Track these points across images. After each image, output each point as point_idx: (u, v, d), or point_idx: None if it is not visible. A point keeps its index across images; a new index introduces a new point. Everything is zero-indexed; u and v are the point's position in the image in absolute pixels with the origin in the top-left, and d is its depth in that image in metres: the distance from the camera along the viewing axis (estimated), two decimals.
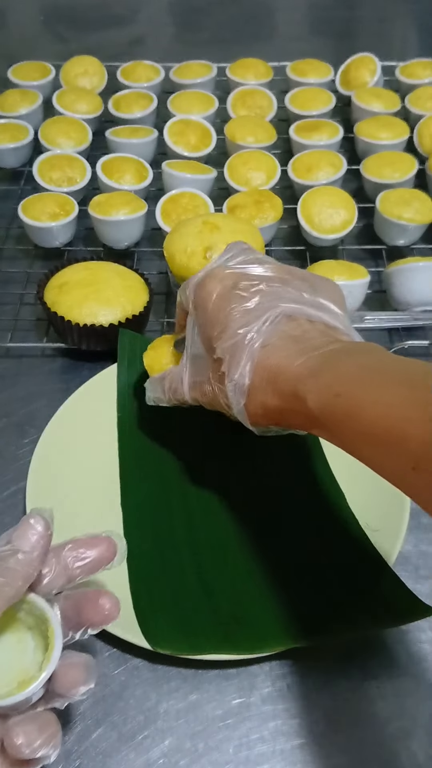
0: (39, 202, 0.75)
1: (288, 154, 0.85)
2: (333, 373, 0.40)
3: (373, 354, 0.41)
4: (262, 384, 0.44)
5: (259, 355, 0.44)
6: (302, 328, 0.45)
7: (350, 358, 0.42)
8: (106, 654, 0.49)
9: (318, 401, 0.40)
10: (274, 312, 0.46)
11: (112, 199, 0.74)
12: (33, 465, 0.56)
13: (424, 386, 0.35)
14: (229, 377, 0.46)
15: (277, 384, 0.43)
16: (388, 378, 0.38)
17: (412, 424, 0.34)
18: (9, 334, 0.70)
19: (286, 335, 0.45)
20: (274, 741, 0.45)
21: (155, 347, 0.59)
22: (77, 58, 0.97)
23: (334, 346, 0.43)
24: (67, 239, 0.77)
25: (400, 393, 0.36)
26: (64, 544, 0.43)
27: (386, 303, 0.72)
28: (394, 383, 0.37)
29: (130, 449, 0.59)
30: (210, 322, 0.48)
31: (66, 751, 0.45)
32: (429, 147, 0.83)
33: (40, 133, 0.84)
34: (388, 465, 0.36)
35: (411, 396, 0.35)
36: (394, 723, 0.46)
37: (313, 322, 0.46)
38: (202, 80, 0.94)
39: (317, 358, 0.42)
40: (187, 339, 0.51)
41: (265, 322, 0.45)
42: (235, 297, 0.47)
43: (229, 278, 0.49)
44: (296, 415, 0.42)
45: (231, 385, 0.46)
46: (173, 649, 0.47)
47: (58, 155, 0.80)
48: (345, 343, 0.44)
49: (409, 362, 0.39)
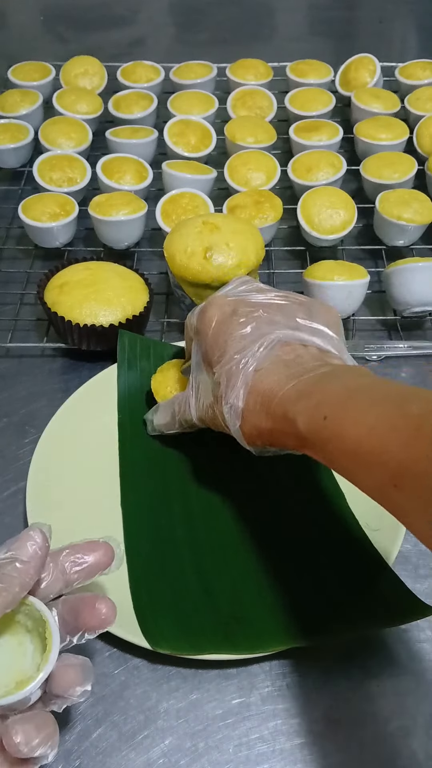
0: (39, 202, 0.75)
1: (288, 155, 0.85)
2: (321, 395, 0.42)
3: (361, 377, 0.43)
4: (256, 407, 0.46)
5: (253, 379, 0.46)
6: (296, 352, 0.47)
7: (338, 380, 0.43)
8: (106, 654, 0.49)
9: (307, 423, 0.42)
10: (269, 338, 0.48)
11: (112, 199, 0.75)
12: (33, 465, 0.56)
13: (404, 407, 0.37)
14: (225, 400, 0.48)
15: (270, 407, 0.45)
16: (373, 400, 0.40)
17: (392, 444, 0.36)
18: (9, 334, 0.70)
19: (279, 360, 0.47)
20: (274, 741, 0.45)
21: (163, 371, 0.60)
22: (77, 58, 0.97)
23: (324, 369, 0.45)
24: (67, 239, 0.77)
25: (382, 414, 0.38)
26: (62, 549, 0.44)
27: (386, 303, 0.72)
28: (377, 404, 0.39)
29: (131, 449, 0.59)
30: (210, 346, 0.50)
31: (66, 750, 0.45)
32: (428, 147, 0.84)
33: (40, 133, 0.84)
34: (371, 483, 0.38)
35: (392, 417, 0.37)
36: (394, 722, 0.46)
37: (306, 347, 0.48)
38: (202, 80, 0.94)
39: (307, 381, 0.44)
40: (192, 363, 0.54)
41: (260, 348, 0.47)
42: (233, 323, 0.50)
43: (228, 305, 0.51)
44: (287, 436, 0.44)
45: (227, 408, 0.48)
46: (173, 648, 0.47)
47: (58, 155, 0.80)
48: (335, 366, 0.46)
49: (394, 385, 0.41)
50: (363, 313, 0.72)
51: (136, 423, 0.61)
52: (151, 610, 0.50)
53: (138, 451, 0.59)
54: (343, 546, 0.53)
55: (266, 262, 0.77)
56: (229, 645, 0.48)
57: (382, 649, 0.49)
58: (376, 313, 0.73)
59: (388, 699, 0.47)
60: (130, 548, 0.53)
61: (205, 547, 0.53)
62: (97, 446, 0.59)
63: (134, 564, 0.52)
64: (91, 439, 0.59)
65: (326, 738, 0.45)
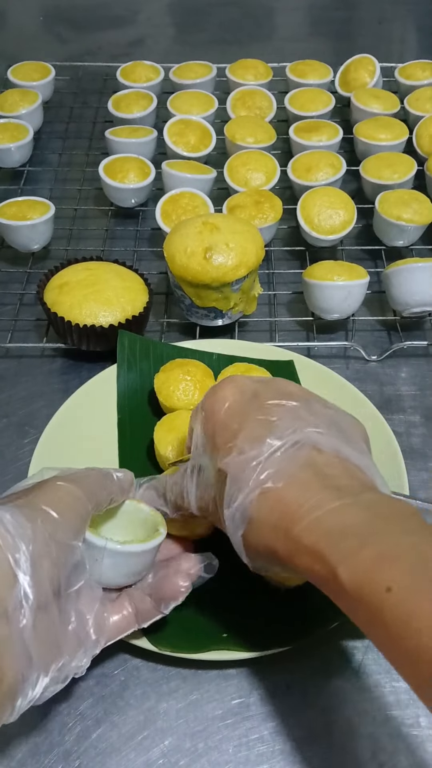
0: (14, 205, 0.75)
1: (288, 155, 0.85)
2: (377, 550, 0.34)
3: (418, 530, 0.36)
4: (269, 520, 0.39)
5: (271, 483, 0.39)
6: (329, 462, 0.40)
7: (394, 528, 0.36)
8: (106, 654, 0.49)
9: (356, 583, 0.34)
10: (298, 435, 0.40)
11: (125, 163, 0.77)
12: (33, 465, 0.56)
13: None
14: (227, 502, 0.40)
15: (292, 529, 0.37)
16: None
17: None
18: (9, 334, 0.70)
19: (308, 466, 0.39)
20: (274, 741, 0.45)
21: (166, 370, 0.59)
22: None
23: (367, 496, 0.38)
24: (44, 242, 0.77)
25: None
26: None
27: (385, 304, 0.72)
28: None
29: (130, 450, 0.59)
30: (220, 428, 0.43)
31: (66, 751, 0.45)
32: (428, 148, 0.84)
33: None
34: (415, 675, 0.33)
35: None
36: (392, 722, 0.46)
37: (341, 459, 0.40)
38: (202, 80, 0.94)
39: (350, 514, 0.36)
40: (194, 445, 0.45)
41: (285, 445, 0.40)
42: (252, 406, 0.42)
43: (249, 387, 0.44)
44: (315, 576, 0.37)
45: (229, 513, 0.40)
46: (173, 648, 0.47)
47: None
48: (378, 496, 0.38)
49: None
50: (363, 314, 0.72)
51: (135, 423, 0.61)
52: None
53: (138, 451, 0.59)
54: None
55: (266, 262, 0.77)
56: (229, 645, 0.48)
57: None
58: (375, 314, 0.73)
59: (388, 699, 0.47)
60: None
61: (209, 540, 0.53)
62: (97, 446, 0.59)
63: None
64: (90, 439, 0.59)
65: (326, 738, 0.45)
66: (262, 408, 0.42)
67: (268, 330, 0.72)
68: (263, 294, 0.73)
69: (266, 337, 0.71)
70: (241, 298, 0.67)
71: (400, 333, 0.70)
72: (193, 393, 0.59)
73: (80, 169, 0.88)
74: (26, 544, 0.37)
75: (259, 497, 0.39)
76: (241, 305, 0.68)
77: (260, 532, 0.39)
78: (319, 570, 0.36)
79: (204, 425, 0.44)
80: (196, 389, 0.59)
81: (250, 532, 0.40)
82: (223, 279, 0.64)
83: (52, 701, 0.46)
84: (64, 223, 0.81)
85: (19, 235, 0.74)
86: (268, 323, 0.72)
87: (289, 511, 0.38)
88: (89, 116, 0.97)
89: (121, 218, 0.83)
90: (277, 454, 0.40)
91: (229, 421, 0.42)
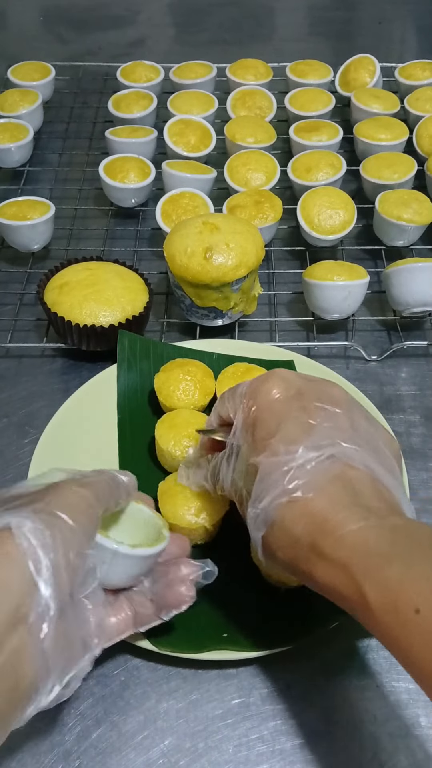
0: (14, 205, 0.75)
1: (288, 155, 0.85)
2: (404, 571, 0.35)
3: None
4: (295, 529, 0.39)
5: (301, 492, 0.39)
6: (357, 476, 0.40)
7: (419, 553, 0.36)
8: (106, 654, 0.49)
9: (382, 602, 0.35)
10: (332, 449, 0.40)
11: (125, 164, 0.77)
12: (33, 465, 0.56)
13: None
14: (253, 501, 0.41)
15: (318, 542, 0.38)
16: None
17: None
18: (9, 334, 0.70)
19: (339, 482, 0.39)
20: (274, 741, 0.45)
21: (166, 370, 0.59)
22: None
23: (393, 520, 0.38)
24: (44, 242, 0.77)
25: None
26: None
27: (385, 303, 0.72)
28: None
29: (130, 450, 0.59)
30: (259, 423, 0.43)
31: (66, 751, 0.45)
32: (428, 148, 0.84)
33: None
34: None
35: None
36: (393, 722, 0.46)
37: (374, 480, 0.40)
38: (202, 80, 0.94)
39: (377, 535, 0.37)
40: (233, 430, 0.46)
41: (320, 456, 0.40)
42: (293, 406, 0.42)
43: (294, 383, 0.44)
44: (334, 591, 0.37)
45: (253, 512, 0.41)
46: (173, 648, 0.47)
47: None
48: (404, 522, 0.38)
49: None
50: (363, 314, 0.72)
51: (135, 423, 0.61)
52: None
53: (138, 450, 0.59)
54: None
55: (266, 262, 0.77)
56: (229, 645, 0.48)
57: (381, 649, 0.49)
58: (375, 314, 0.73)
59: (388, 699, 0.47)
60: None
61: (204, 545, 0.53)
62: (97, 446, 0.59)
63: None
64: (90, 439, 0.59)
65: (325, 738, 0.45)
66: (304, 408, 0.42)
67: (268, 330, 0.72)
68: (263, 294, 0.73)
69: (266, 337, 0.71)
70: (241, 298, 0.67)
71: (400, 333, 0.70)
72: (193, 393, 0.59)
73: (80, 169, 0.88)
74: (46, 552, 0.36)
75: (286, 505, 0.39)
76: (241, 305, 0.68)
77: (282, 538, 0.40)
78: (343, 586, 0.36)
79: (245, 415, 0.44)
80: (196, 389, 0.59)
81: (270, 536, 0.40)
82: (223, 279, 0.64)
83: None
84: (64, 223, 0.81)
85: (19, 235, 0.74)
86: (268, 323, 0.72)
87: (316, 523, 0.38)
88: (89, 116, 0.97)
89: (121, 218, 0.83)
90: (311, 464, 0.40)
91: (269, 417, 0.43)
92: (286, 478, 0.40)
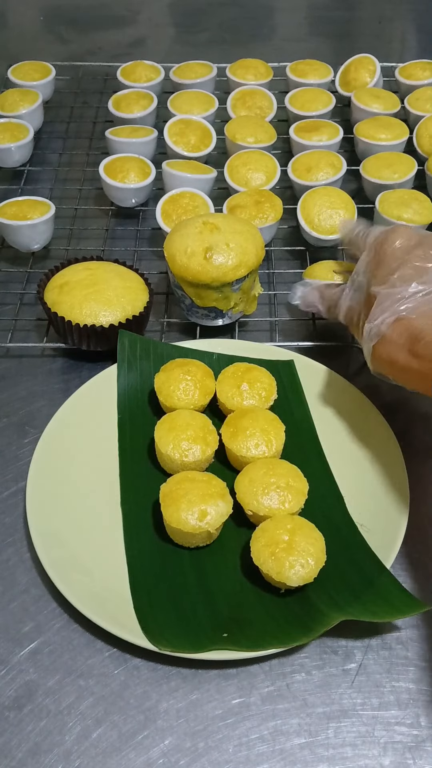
0: (15, 205, 0.75)
1: (288, 155, 0.85)
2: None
3: None
4: (399, 339, 0.51)
5: (407, 312, 0.51)
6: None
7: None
8: (106, 654, 0.49)
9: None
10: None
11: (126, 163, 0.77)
12: (33, 465, 0.56)
13: None
14: (370, 318, 0.52)
15: (415, 345, 0.50)
16: None
17: None
18: (9, 334, 0.70)
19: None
20: (274, 741, 0.46)
21: (166, 370, 0.60)
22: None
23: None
24: (45, 242, 0.77)
25: None
26: None
27: None
28: None
29: (130, 449, 0.59)
30: (380, 262, 0.55)
31: (66, 751, 0.45)
32: (428, 148, 0.84)
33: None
34: None
35: None
36: (393, 722, 0.46)
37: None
38: (202, 80, 0.94)
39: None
40: (356, 270, 0.58)
41: (427, 290, 0.51)
42: (412, 253, 0.54)
43: (414, 237, 0.55)
44: (421, 376, 0.49)
45: (368, 326, 0.52)
46: (174, 647, 0.47)
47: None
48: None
49: None
50: None
51: (135, 423, 0.61)
52: (151, 609, 0.50)
53: (138, 450, 0.59)
54: (342, 547, 0.53)
55: (266, 262, 0.77)
56: (229, 645, 0.48)
57: (381, 648, 0.49)
58: None
59: (388, 699, 0.47)
60: (130, 548, 0.53)
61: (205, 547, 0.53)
62: (97, 446, 0.59)
63: (134, 564, 0.52)
64: (90, 439, 0.59)
65: (326, 738, 0.46)
66: (421, 256, 0.53)
67: (269, 330, 0.72)
68: (263, 294, 0.73)
69: (266, 337, 0.71)
70: (242, 297, 0.67)
71: None
72: (194, 393, 0.59)
73: (80, 169, 0.88)
74: None
75: (395, 322, 0.51)
76: (242, 305, 0.68)
77: (388, 346, 0.52)
78: (428, 370, 0.48)
79: (372, 257, 0.56)
80: (197, 389, 0.59)
81: (380, 345, 0.52)
82: (224, 279, 0.64)
83: (53, 701, 0.46)
84: (64, 222, 0.81)
85: (20, 235, 0.74)
86: (269, 323, 0.72)
87: (415, 333, 0.50)
88: (89, 116, 0.97)
89: (121, 218, 0.83)
90: (419, 295, 0.51)
91: (391, 260, 0.54)
92: (397, 304, 0.51)
